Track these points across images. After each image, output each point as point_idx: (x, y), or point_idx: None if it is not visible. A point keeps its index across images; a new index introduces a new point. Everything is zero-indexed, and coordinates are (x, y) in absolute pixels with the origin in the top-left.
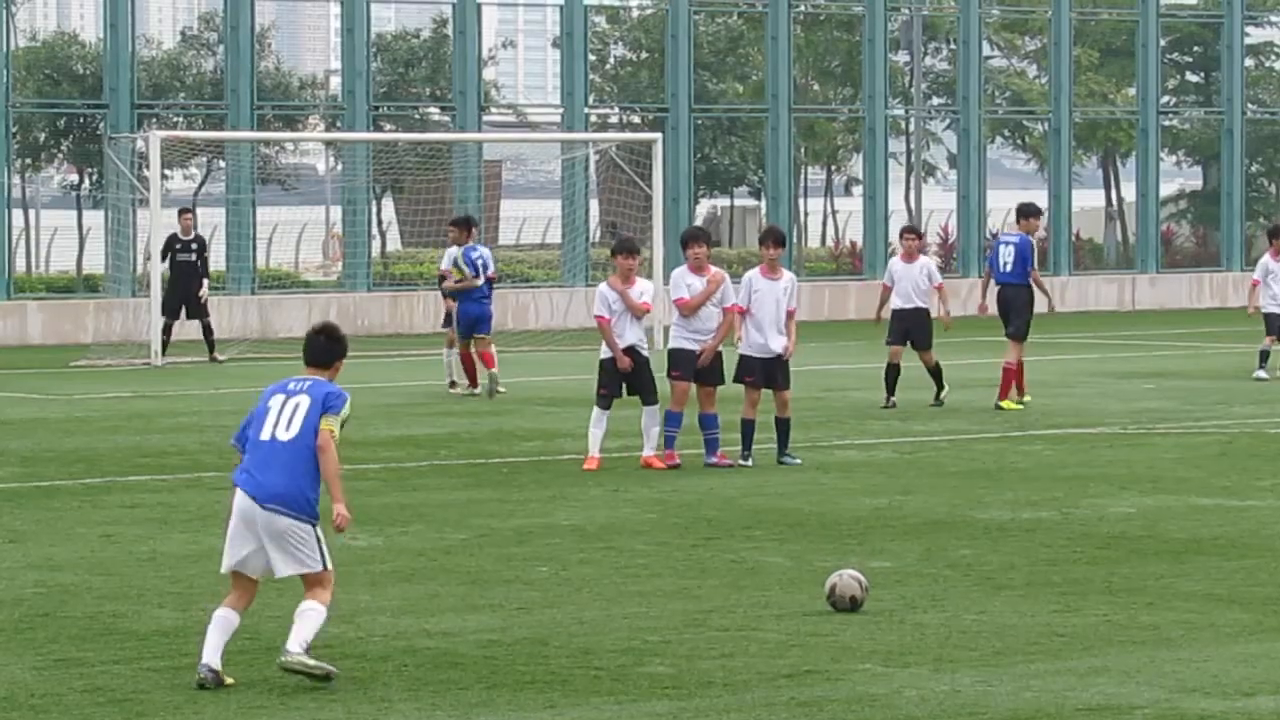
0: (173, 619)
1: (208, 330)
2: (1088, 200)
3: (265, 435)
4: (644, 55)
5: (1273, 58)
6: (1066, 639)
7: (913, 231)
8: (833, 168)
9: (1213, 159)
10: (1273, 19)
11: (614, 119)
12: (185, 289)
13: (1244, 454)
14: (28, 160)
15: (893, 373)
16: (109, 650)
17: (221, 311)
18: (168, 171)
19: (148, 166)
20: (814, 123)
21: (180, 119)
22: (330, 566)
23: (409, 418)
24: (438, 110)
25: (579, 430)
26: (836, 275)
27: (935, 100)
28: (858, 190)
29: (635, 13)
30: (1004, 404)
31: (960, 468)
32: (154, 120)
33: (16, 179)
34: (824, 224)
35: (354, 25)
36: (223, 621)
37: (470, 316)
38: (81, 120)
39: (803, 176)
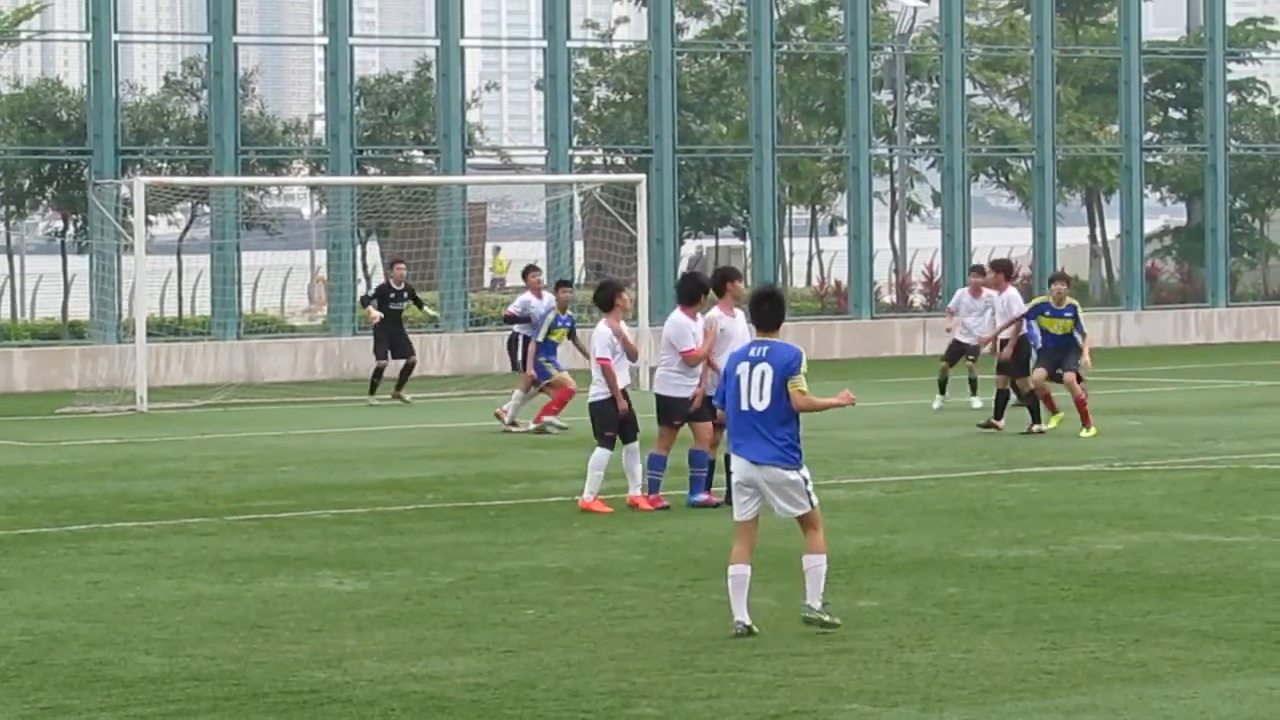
0: (159, 665)
1: (409, 369)
2: (1072, 237)
3: (743, 405)
4: (627, 96)
5: (1255, 93)
6: (1054, 676)
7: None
8: (817, 207)
9: (1197, 195)
10: (1255, 55)
11: (598, 160)
12: (395, 333)
13: (1230, 490)
14: (12, 207)
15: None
16: (96, 698)
17: (207, 356)
18: (152, 217)
19: (132, 212)
20: (798, 162)
21: (164, 164)
22: (816, 503)
23: (396, 461)
24: (422, 153)
25: (565, 472)
26: (822, 314)
27: (919, 139)
28: (842, 229)
29: (618, 54)
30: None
31: (947, 506)
32: (138, 166)
33: (1, 226)
34: (809, 263)
35: (337, 69)
36: (739, 580)
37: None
38: (66, 166)
39: (787, 216)
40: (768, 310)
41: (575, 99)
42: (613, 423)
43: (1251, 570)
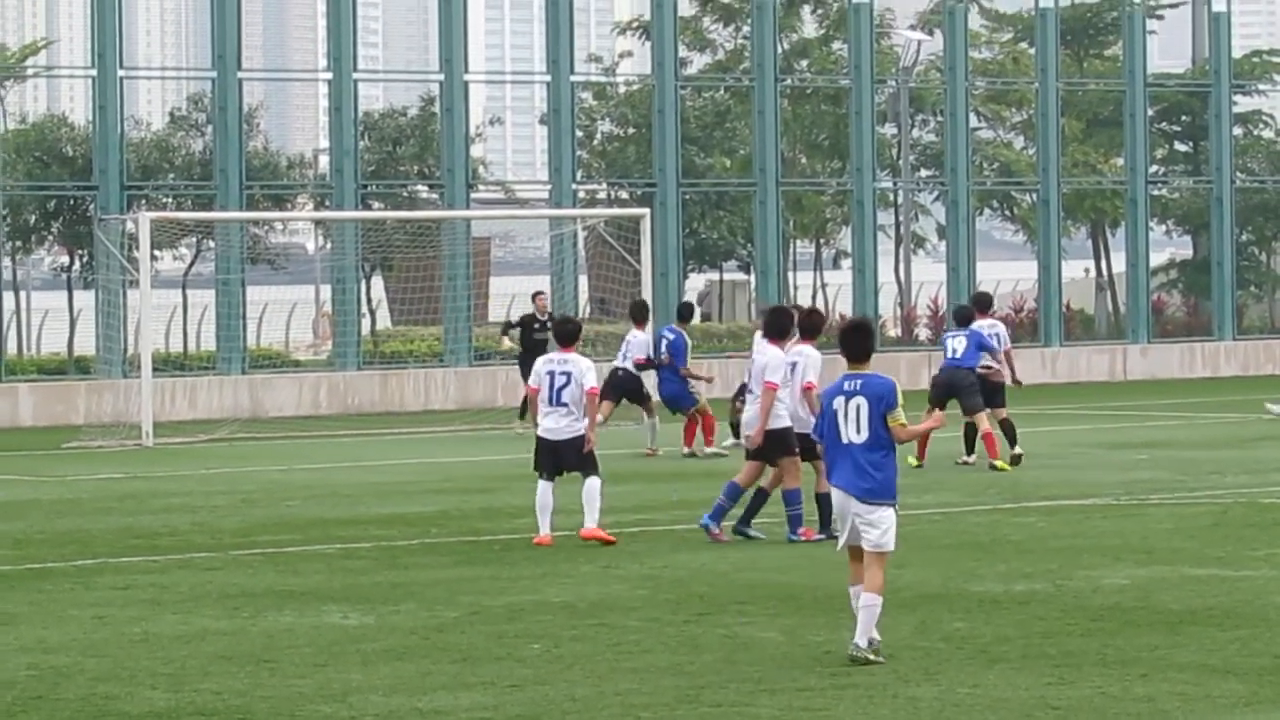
0: (165, 700)
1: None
2: (1077, 271)
3: (842, 439)
4: (631, 131)
5: (1261, 126)
6: (1061, 712)
7: None
8: (821, 241)
9: (1202, 228)
10: (1260, 87)
11: (602, 195)
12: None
13: (1238, 524)
14: (18, 243)
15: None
16: None
17: (211, 392)
18: (157, 252)
19: (138, 247)
20: (802, 196)
21: (170, 200)
22: (894, 547)
23: (400, 496)
24: (426, 188)
25: (570, 507)
26: (827, 348)
27: (923, 172)
28: (847, 263)
29: (622, 88)
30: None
31: (953, 540)
32: (143, 201)
33: (7, 261)
34: (813, 297)
35: (342, 104)
36: (857, 595)
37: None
38: (71, 202)
39: (791, 250)
40: (858, 341)
41: (579, 133)
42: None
43: (1260, 605)
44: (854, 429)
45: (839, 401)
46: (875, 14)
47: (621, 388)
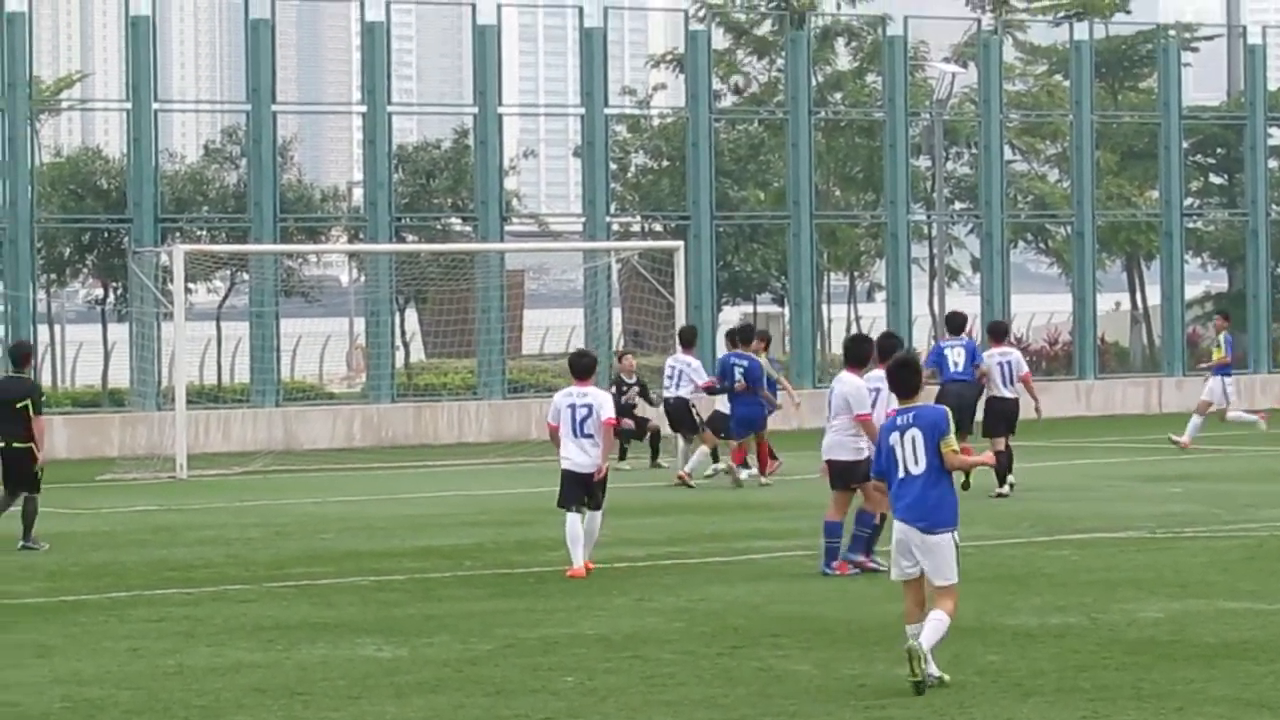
0: None
1: (655, 435)
2: (1112, 303)
3: (901, 473)
4: (665, 163)
5: None
6: None
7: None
8: (855, 273)
9: (1238, 260)
10: None
11: (636, 227)
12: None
13: (1272, 557)
14: (53, 275)
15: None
16: None
17: (245, 424)
18: (192, 285)
19: (172, 280)
20: (836, 228)
21: (204, 232)
22: (958, 577)
23: (434, 528)
24: (460, 220)
25: (605, 539)
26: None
27: (957, 205)
28: (881, 296)
29: (656, 121)
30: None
31: (987, 573)
32: (177, 234)
33: (42, 294)
34: (847, 330)
35: (375, 137)
36: (936, 622)
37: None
38: (106, 235)
39: (825, 282)
40: (907, 377)
41: (613, 166)
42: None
43: None
44: (912, 461)
45: (894, 436)
46: (909, 46)
47: (675, 419)
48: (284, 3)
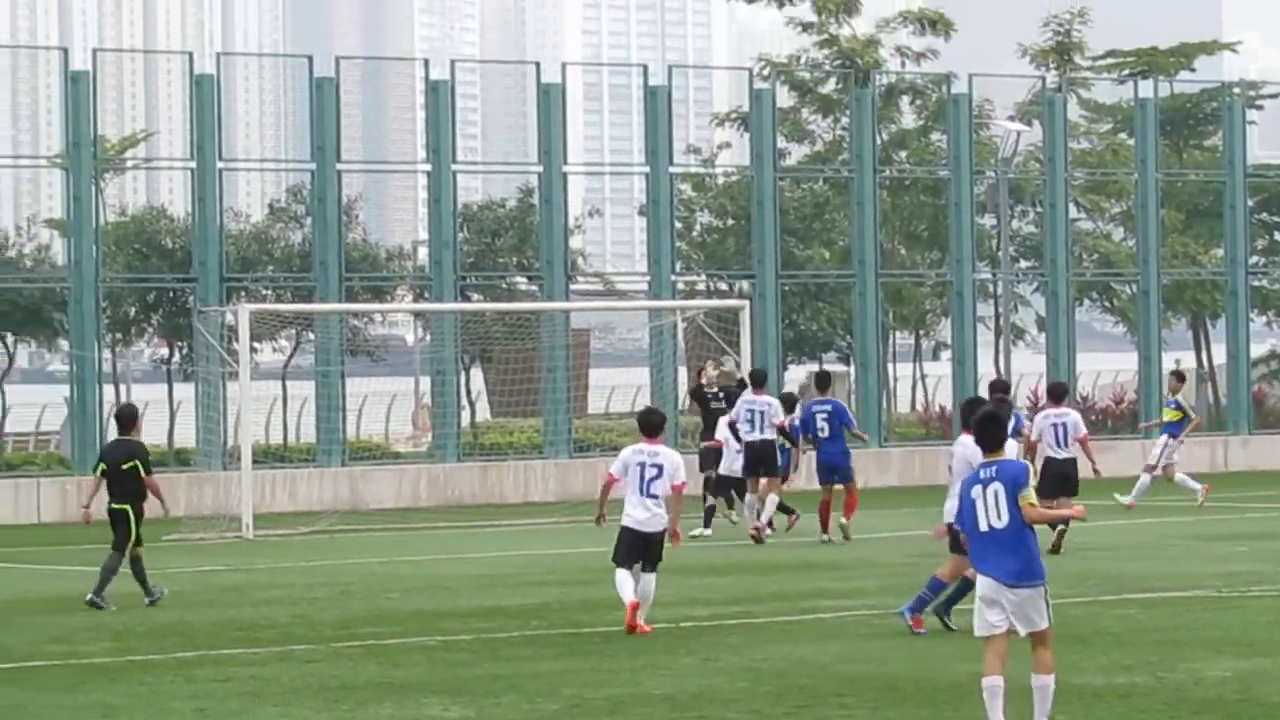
0: None
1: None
2: (1171, 361)
3: (983, 527)
4: (730, 222)
5: None
6: None
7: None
8: (921, 332)
9: None
10: None
11: (701, 286)
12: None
13: None
14: (118, 335)
15: None
16: None
17: (311, 484)
18: (257, 344)
19: (237, 339)
20: (901, 287)
21: (269, 291)
22: (1052, 621)
23: (500, 588)
24: (525, 279)
25: (671, 599)
26: (926, 440)
27: (1022, 263)
28: (946, 354)
29: (720, 179)
30: None
31: (1054, 633)
32: (242, 293)
33: (107, 354)
34: (913, 389)
35: (441, 196)
36: (993, 689)
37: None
38: (171, 294)
39: (891, 341)
40: (992, 431)
41: (678, 224)
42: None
43: None
44: (994, 515)
45: (977, 490)
46: (974, 105)
47: (759, 460)
48: (348, 61)
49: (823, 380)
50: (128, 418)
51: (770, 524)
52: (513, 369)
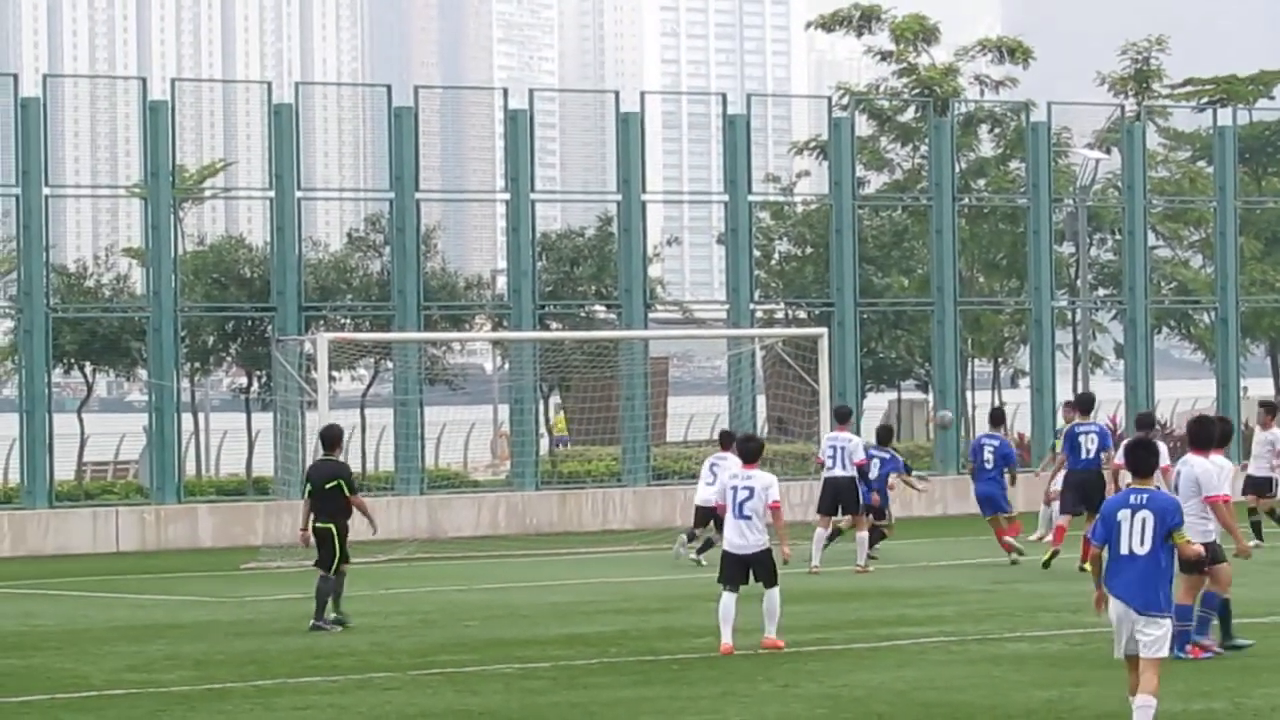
0: None
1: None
2: (1256, 389)
3: (1124, 550)
4: (809, 250)
5: None
6: None
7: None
8: (1000, 360)
9: None
10: None
11: (780, 314)
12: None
13: None
14: (197, 364)
15: None
16: None
17: (390, 512)
18: (335, 373)
19: (315, 368)
20: (980, 315)
21: (347, 320)
22: (1169, 654)
23: (578, 616)
24: (604, 308)
25: (749, 625)
26: None
27: (1101, 291)
28: (1025, 382)
29: (799, 208)
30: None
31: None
32: (321, 322)
33: (186, 383)
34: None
35: (519, 224)
36: (1144, 711)
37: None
38: (250, 323)
39: (969, 369)
40: (1144, 457)
41: (756, 253)
42: None
43: None
44: (1137, 541)
45: (1124, 514)
46: (1052, 133)
47: (837, 495)
48: (427, 90)
49: (997, 416)
50: (332, 439)
51: (869, 558)
52: (591, 397)
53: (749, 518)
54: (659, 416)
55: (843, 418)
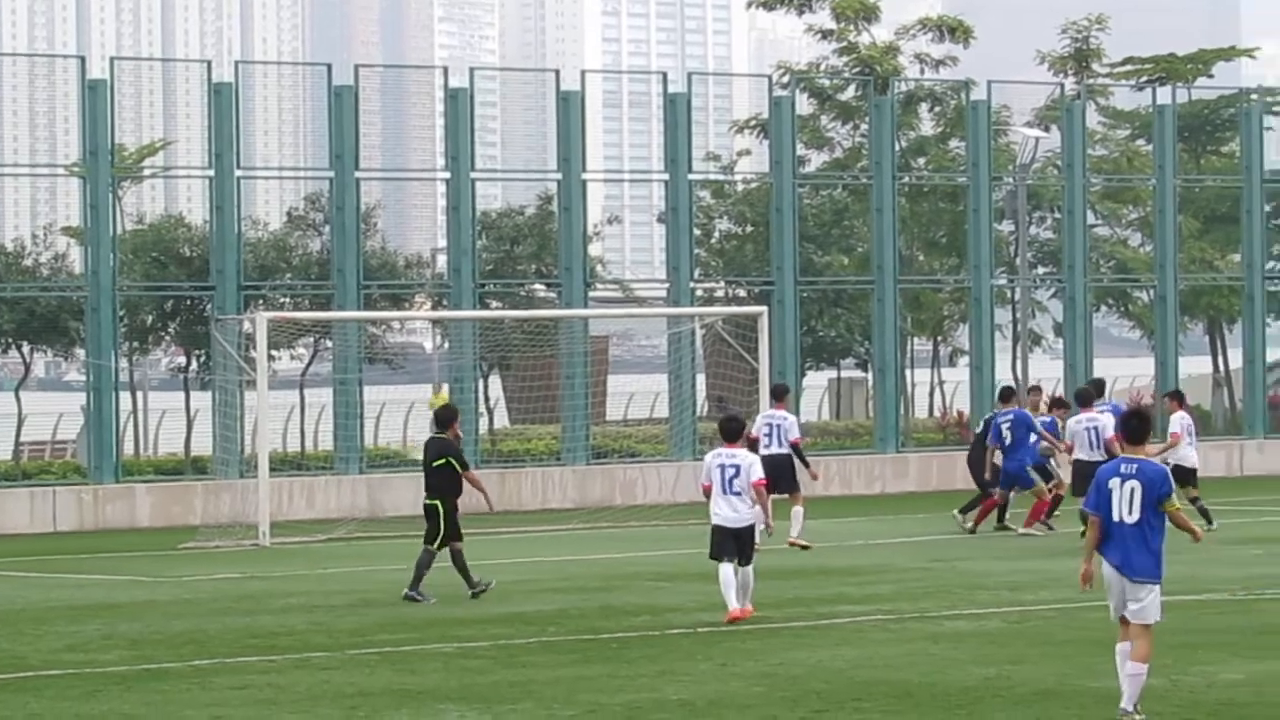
0: None
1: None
2: (1194, 367)
3: (1115, 517)
4: (749, 229)
5: None
6: None
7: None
8: (939, 338)
9: None
10: None
11: (720, 292)
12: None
13: None
14: (135, 343)
15: None
16: None
17: (330, 491)
18: (274, 352)
19: (254, 347)
20: (920, 294)
21: (287, 299)
22: (1160, 619)
23: (518, 595)
24: (544, 287)
25: (688, 604)
26: (944, 445)
27: (1040, 269)
28: (964, 361)
29: (740, 187)
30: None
31: (1070, 636)
32: (260, 301)
33: (124, 362)
34: (931, 395)
35: (459, 203)
36: (1125, 652)
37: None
38: (189, 302)
39: (909, 347)
40: (1136, 426)
41: (697, 232)
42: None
43: None
44: (1126, 509)
45: (1114, 482)
46: (992, 112)
47: (774, 472)
48: (368, 69)
49: (1007, 393)
50: (444, 419)
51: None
52: (531, 376)
53: (739, 494)
54: (599, 395)
55: (779, 395)
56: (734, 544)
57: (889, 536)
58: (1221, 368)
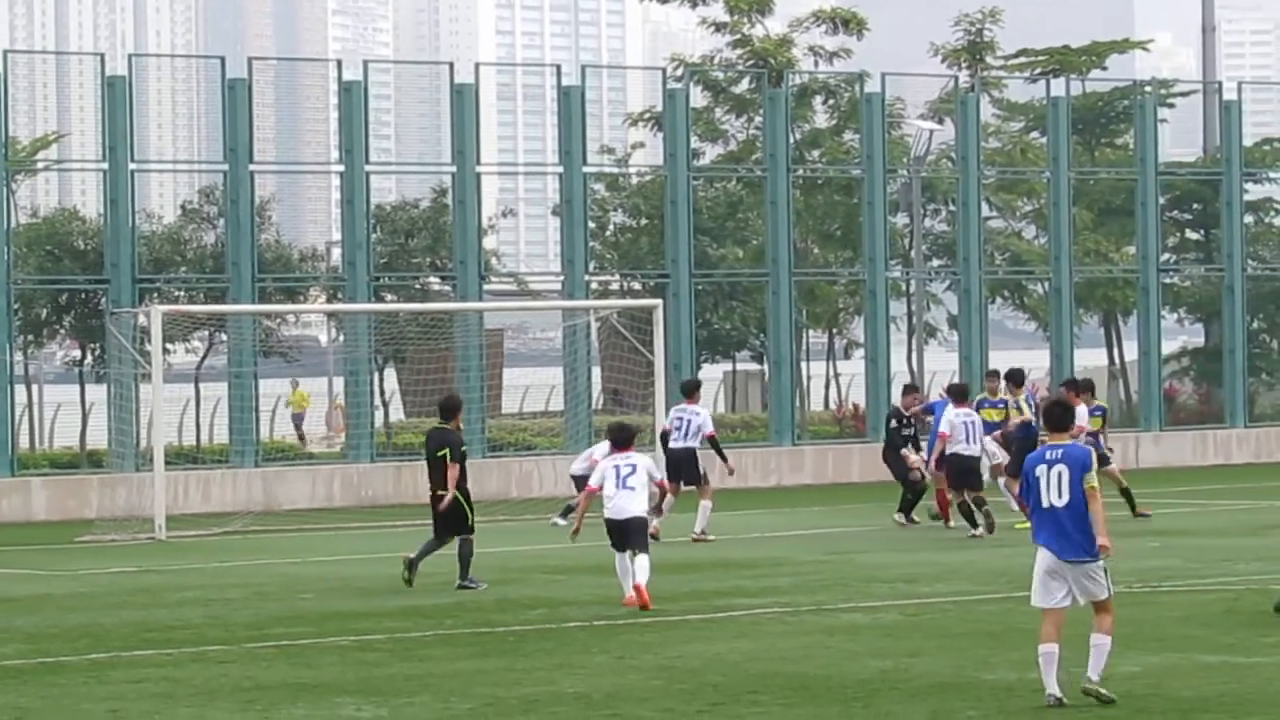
0: None
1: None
2: (1090, 359)
3: (1045, 504)
4: (644, 222)
5: (1272, 214)
6: None
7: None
8: (834, 331)
9: (1214, 316)
10: (1272, 175)
11: (615, 285)
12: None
13: (1249, 611)
14: (30, 337)
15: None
16: None
17: (224, 485)
18: (170, 345)
19: (149, 341)
20: (815, 286)
21: (181, 293)
22: (1112, 591)
23: (414, 589)
24: (438, 280)
25: (584, 598)
26: (840, 438)
27: (935, 262)
28: (859, 353)
29: (634, 179)
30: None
31: (965, 629)
32: (155, 294)
33: (19, 356)
34: (826, 387)
35: (354, 196)
36: (1049, 657)
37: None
38: (83, 296)
39: (804, 340)
40: (1060, 414)
41: (592, 224)
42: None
43: (1272, 692)
44: (1056, 494)
45: (1041, 469)
46: (886, 104)
47: (678, 467)
48: (261, 62)
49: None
50: (447, 409)
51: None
52: (426, 369)
53: (632, 488)
54: (494, 388)
55: (689, 391)
56: (627, 535)
57: (785, 529)
58: (1117, 360)
